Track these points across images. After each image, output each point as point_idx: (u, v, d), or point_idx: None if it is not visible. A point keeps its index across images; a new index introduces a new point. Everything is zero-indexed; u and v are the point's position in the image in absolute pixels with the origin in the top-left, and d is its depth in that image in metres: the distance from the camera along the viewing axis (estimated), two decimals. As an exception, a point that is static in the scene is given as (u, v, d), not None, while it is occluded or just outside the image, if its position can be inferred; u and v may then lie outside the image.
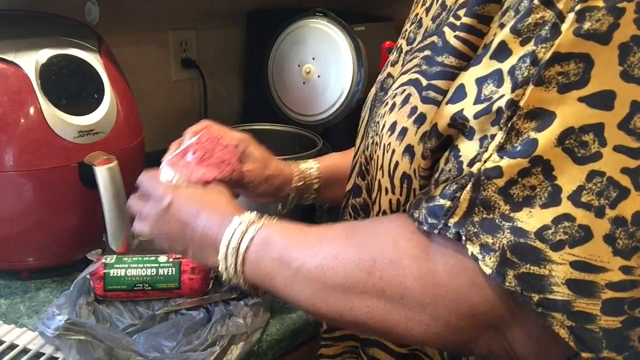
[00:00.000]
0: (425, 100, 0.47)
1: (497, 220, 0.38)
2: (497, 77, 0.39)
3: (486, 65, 0.40)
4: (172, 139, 1.33)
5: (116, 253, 0.84)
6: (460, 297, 0.41)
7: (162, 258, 0.85)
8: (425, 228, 0.42)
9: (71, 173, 0.82)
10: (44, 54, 0.82)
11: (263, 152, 0.76)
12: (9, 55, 0.80)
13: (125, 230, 0.83)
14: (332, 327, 0.68)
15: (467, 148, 0.41)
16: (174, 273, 0.83)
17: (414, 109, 0.48)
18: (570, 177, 0.36)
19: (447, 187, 0.41)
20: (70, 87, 0.83)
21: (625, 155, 0.35)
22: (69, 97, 0.82)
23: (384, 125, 0.52)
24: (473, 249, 0.39)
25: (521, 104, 0.37)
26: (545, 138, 0.37)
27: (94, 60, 0.86)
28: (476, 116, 0.40)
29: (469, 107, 0.41)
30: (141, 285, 0.82)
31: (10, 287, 0.87)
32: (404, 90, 0.51)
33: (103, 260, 0.83)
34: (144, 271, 0.82)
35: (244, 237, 0.54)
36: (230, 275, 0.55)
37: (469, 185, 0.39)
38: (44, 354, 0.72)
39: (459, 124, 0.42)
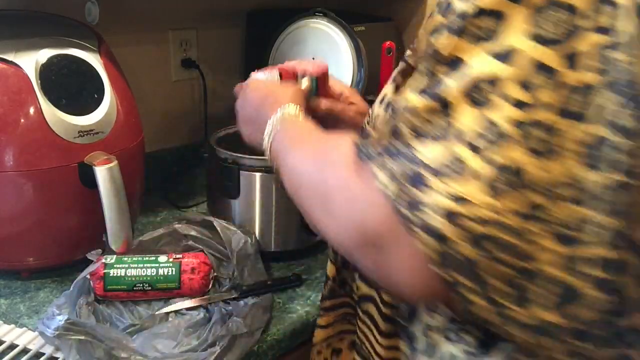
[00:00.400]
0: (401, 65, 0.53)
1: (399, 147, 0.42)
2: (439, 29, 0.43)
3: (435, 20, 0.44)
4: (172, 139, 1.34)
5: (116, 253, 0.84)
6: (360, 212, 0.44)
7: (162, 258, 0.85)
8: (354, 148, 0.47)
9: (71, 173, 0.82)
10: (44, 54, 0.82)
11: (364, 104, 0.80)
12: (9, 55, 0.80)
13: (125, 230, 0.83)
14: (322, 299, 0.72)
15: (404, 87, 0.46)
16: (174, 273, 0.83)
17: (393, 78, 0.54)
18: (465, 119, 0.39)
19: (378, 116, 0.47)
20: (70, 87, 0.83)
21: (514, 106, 0.38)
22: (69, 97, 0.82)
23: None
24: (375, 169, 0.43)
25: (442, 51, 0.41)
26: (453, 83, 0.40)
27: (94, 60, 0.86)
28: (418, 61, 0.45)
29: (415, 56, 0.47)
30: (141, 285, 0.82)
31: (10, 287, 0.87)
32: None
33: (103, 260, 0.83)
34: (144, 271, 0.82)
35: (274, 129, 0.62)
36: (267, 150, 0.64)
37: (379, 104, 0.45)
38: (44, 354, 0.72)
39: (408, 70, 0.47)
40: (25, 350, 0.73)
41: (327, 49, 1.15)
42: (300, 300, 0.87)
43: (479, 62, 0.40)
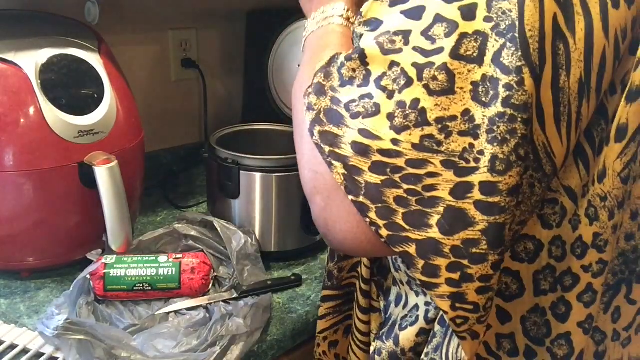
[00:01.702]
0: None
1: (326, 88, 0.47)
2: None
3: None
4: (172, 139, 1.34)
5: (116, 253, 0.84)
6: (309, 153, 0.49)
7: (162, 258, 0.85)
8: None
9: (71, 173, 0.82)
10: (44, 54, 0.82)
11: None
12: (9, 55, 0.80)
13: (125, 230, 0.83)
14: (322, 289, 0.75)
15: None
16: (174, 273, 0.83)
17: None
18: (377, 65, 0.45)
19: None
20: (70, 87, 0.83)
21: (418, 53, 0.43)
22: (69, 97, 0.82)
23: None
24: (305, 107, 0.48)
25: (363, 13, 0.48)
26: (370, 37, 0.46)
27: (94, 60, 0.86)
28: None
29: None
30: (141, 285, 0.82)
31: (10, 287, 0.87)
32: None
33: (103, 260, 0.83)
34: (144, 271, 0.82)
35: (309, 29, 0.64)
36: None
37: (327, 60, 0.49)
38: (44, 354, 0.72)
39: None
40: (25, 350, 0.73)
41: (327, 49, 1.15)
42: (300, 300, 0.87)
43: (392, 19, 0.45)
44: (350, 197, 0.45)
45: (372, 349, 0.60)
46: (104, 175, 0.80)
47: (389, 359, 0.58)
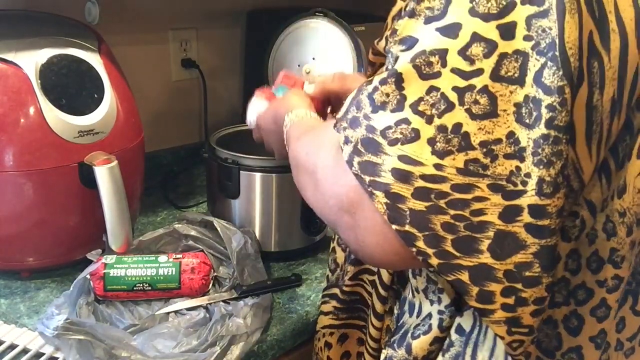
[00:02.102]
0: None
1: (360, 118, 0.46)
2: (399, 14, 0.49)
3: (397, 5, 0.52)
4: (172, 139, 1.34)
5: (116, 253, 0.84)
6: (334, 179, 0.50)
7: (162, 258, 0.85)
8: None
9: (71, 173, 0.82)
10: (44, 54, 0.82)
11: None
12: (9, 55, 0.80)
13: (125, 230, 0.83)
14: (328, 286, 0.76)
15: None
16: (174, 273, 0.83)
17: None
18: (414, 89, 0.44)
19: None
20: (70, 87, 0.83)
21: (457, 75, 0.43)
22: (69, 97, 0.82)
23: None
24: (340, 139, 0.48)
25: (398, 32, 0.46)
26: (406, 58, 0.45)
27: (94, 60, 0.86)
28: (378, 42, 0.52)
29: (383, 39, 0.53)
30: (141, 285, 0.82)
31: (10, 287, 0.87)
32: None
33: (103, 260, 0.83)
34: (144, 271, 0.82)
35: (289, 125, 0.69)
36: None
37: (355, 91, 0.49)
38: (44, 354, 0.72)
39: (376, 52, 0.54)
40: (25, 350, 0.73)
41: (327, 49, 1.15)
42: (300, 300, 0.87)
43: (428, 38, 0.44)
44: (395, 226, 0.44)
45: (382, 356, 0.60)
46: (104, 175, 0.80)
47: None
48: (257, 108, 0.80)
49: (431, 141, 0.43)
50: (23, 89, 0.79)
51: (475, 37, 0.42)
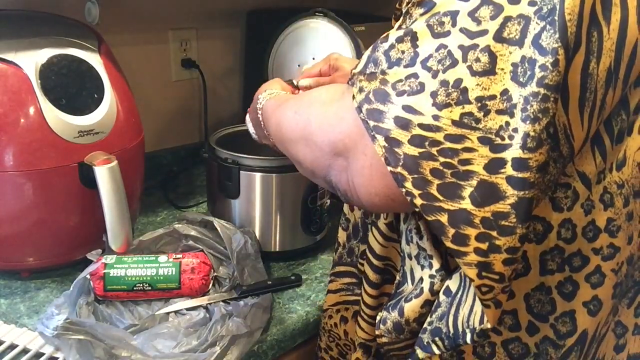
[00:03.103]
0: None
1: (377, 73, 0.49)
2: None
3: None
4: (172, 139, 1.34)
5: (116, 253, 0.84)
6: (331, 127, 0.53)
7: (162, 258, 0.85)
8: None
9: (71, 173, 0.82)
10: (44, 54, 0.82)
11: (352, 62, 0.88)
12: (9, 55, 0.80)
13: (125, 230, 0.83)
14: (333, 265, 0.78)
15: None
16: (174, 273, 0.83)
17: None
18: (426, 47, 0.47)
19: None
20: (70, 87, 0.83)
21: (464, 35, 0.46)
22: (69, 97, 0.82)
23: None
24: (354, 89, 0.50)
25: None
26: (421, 18, 0.48)
27: (94, 60, 0.86)
28: (399, 4, 0.55)
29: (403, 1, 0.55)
30: (141, 285, 0.82)
31: (10, 287, 0.87)
32: None
33: (103, 260, 0.83)
34: (144, 271, 0.82)
35: (264, 101, 0.74)
36: (266, 133, 0.74)
37: (370, 48, 0.52)
38: (44, 354, 0.72)
39: (399, 15, 0.55)
40: (25, 350, 0.73)
41: (327, 49, 1.15)
42: (300, 300, 0.87)
43: (444, 1, 0.47)
44: (389, 167, 0.48)
45: (377, 318, 0.62)
46: (104, 175, 0.80)
47: (393, 328, 0.60)
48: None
49: (433, 94, 0.46)
50: (23, 89, 0.79)
51: (485, 1, 0.45)
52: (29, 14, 0.96)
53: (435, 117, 0.46)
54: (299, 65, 1.19)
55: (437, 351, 0.55)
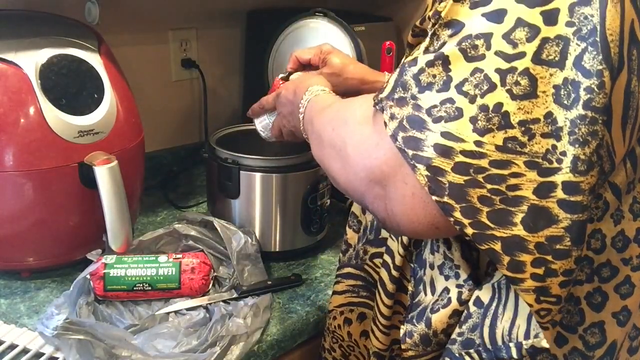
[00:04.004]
0: None
1: (407, 98, 0.48)
2: None
3: None
4: (172, 139, 1.34)
5: (116, 253, 0.84)
6: (367, 153, 0.53)
7: (162, 258, 0.85)
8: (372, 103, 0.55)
9: (71, 173, 0.82)
10: (44, 54, 0.82)
11: (343, 59, 0.92)
12: (9, 55, 0.80)
13: (125, 230, 0.83)
14: (340, 266, 0.78)
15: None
16: (174, 273, 0.83)
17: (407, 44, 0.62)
18: (460, 71, 0.46)
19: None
20: (70, 87, 0.83)
21: (501, 58, 0.45)
22: (69, 97, 0.82)
23: None
24: (385, 117, 0.50)
25: (442, 14, 0.48)
26: (451, 41, 0.47)
27: (94, 60, 0.86)
28: (421, 22, 0.53)
29: (420, 19, 0.54)
30: (141, 285, 0.82)
31: (10, 287, 0.87)
32: None
33: (103, 260, 0.83)
34: (144, 271, 0.82)
35: (303, 108, 0.74)
36: (303, 131, 0.74)
37: (397, 71, 0.51)
38: (44, 354, 0.72)
39: (417, 33, 0.55)
40: (25, 350, 0.73)
41: (327, 49, 1.15)
42: (300, 300, 0.87)
43: (474, 23, 0.46)
44: (435, 197, 0.47)
45: (401, 331, 0.61)
46: (104, 175, 0.80)
47: (421, 341, 0.59)
48: (266, 121, 0.90)
49: (473, 119, 0.45)
50: (23, 89, 0.79)
51: (520, 22, 0.44)
52: (29, 14, 0.96)
53: (478, 143, 0.45)
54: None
55: None
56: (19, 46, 0.81)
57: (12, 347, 0.73)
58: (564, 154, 0.44)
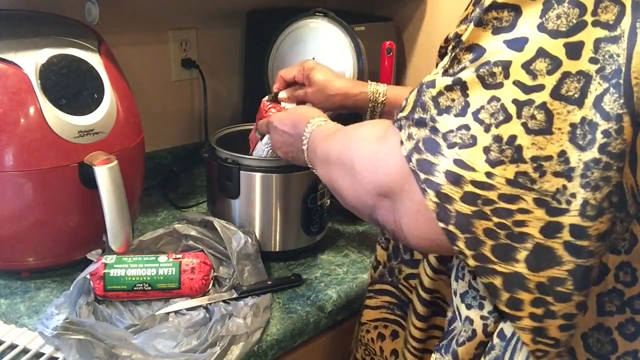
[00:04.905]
0: None
1: (426, 119, 0.48)
2: (467, 19, 0.50)
3: (468, 11, 0.52)
4: (172, 139, 1.34)
5: (116, 253, 0.84)
6: (375, 168, 0.53)
7: (162, 258, 0.85)
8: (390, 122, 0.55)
9: (71, 173, 0.82)
10: (44, 54, 0.82)
11: (326, 75, 0.93)
12: (9, 55, 0.80)
13: (125, 230, 0.83)
14: (372, 282, 0.79)
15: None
16: (174, 273, 0.83)
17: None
18: (477, 97, 0.45)
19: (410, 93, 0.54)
20: (70, 87, 0.83)
21: (519, 88, 0.44)
22: (69, 97, 0.82)
23: None
24: (403, 135, 0.50)
25: (463, 38, 0.47)
26: (471, 66, 0.46)
27: (94, 60, 0.86)
28: (445, 42, 0.53)
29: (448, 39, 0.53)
30: (141, 285, 0.82)
31: (10, 287, 0.87)
32: None
33: (103, 260, 0.83)
34: (144, 271, 0.82)
35: (307, 137, 0.74)
36: (307, 160, 0.75)
37: (416, 90, 0.50)
38: (44, 354, 0.72)
39: (442, 53, 0.54)
40: (25, 350, 0.73)
41: (327, 49, 1.15)
42: (300, 300, 0.87)
43: (494, 49, 0.45)
44: (441, 224, 0.46)
45: (432, 359, 0.61)
46: (104, 175, 0.80)
47: None
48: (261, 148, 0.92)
49: (486, 149, 0.44)
50: (23, 89, 0.79)
51: (541, 53, 0.43)
52: (29, 14, 0.96)
53: (489, 175, 0.44)
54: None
55: None
56: (19, 46, 0.81)
57: (12, 347, 0.73)
58: (573, 195, 0.43)
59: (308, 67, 0.94)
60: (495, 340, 0.54)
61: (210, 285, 0.86)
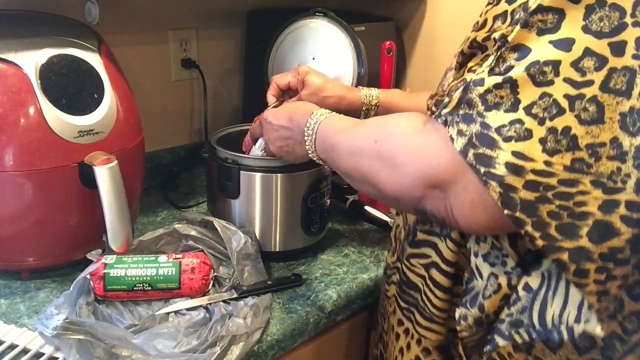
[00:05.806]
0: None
1: (473, 115, 0.52)
2: (504, 16, 0.55)
3: (501, 7, 0.56)
4: (172, 139, 1.34)
5: (116, 253, 0.84)
6: (423, 161, 0.56)
7: (162, 258, 0.85)
8: (429, 114, 0.60)
9: (71, 173, 0.82)
10: (44, 54, 0.82)
11: (320, 79, 0.96)
12: (9, 55, 0.80)
13: (125, 230, 0.83)
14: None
15: (472, 64, 0.59)
16: (174, 273, 0.83)
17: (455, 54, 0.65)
18: (528, 94, 0.50)
19: (452, 89, 0.57)
20: (70, 87, 0.83)
21: (569, 85, 0.49)
22: (69, 97, 0.82)
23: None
24: (452, 132, 0.53)
25: (509, 38, 0.52)
26: (520, 65, 0.50)
27: (94, 60, 0.86)
28: (484, 40, 0.57)
29: (482, 34, 0.57)
30: (141, 285, 0.82)
31: (10, 287, 0.87)
32: None
33: (103, 260, 0.83)
34: (144, 271, 0.82)
35: (317, 123, 0.75)
36: (310, 150, 0.77)
37: (461, 88, 0.54)
38: (44, 354, 0.72)
39: (475, 46, 0.58)
40: (25, 350, 0.73)
41: (327, 49, 1.15)
42: (300, 300, 0.87)
43: (542, 49, 0.50)
44: (507, 211, 0.50)
45: (457, 314, 0.65)
46: (104, 175, 0.80)
47: (474, 323, 0.64)
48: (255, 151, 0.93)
49: (542, 140, 0.49)
50: (23, 89, 0.79)
51: (588, 52, 0.48)
52: (29, 14, 0.96)
53: (548, 164, 0.49)
54: (298, 65, 1.19)
55: (519, 340, 0.59)
56: (19, 46, 0.81)
57: (12, 347, 0.73)
58: (628, 176, 0.48)
59: (303, 72, 0.96)
60: (521, 292, 0.59)
61: (210, 285, 0.86)
